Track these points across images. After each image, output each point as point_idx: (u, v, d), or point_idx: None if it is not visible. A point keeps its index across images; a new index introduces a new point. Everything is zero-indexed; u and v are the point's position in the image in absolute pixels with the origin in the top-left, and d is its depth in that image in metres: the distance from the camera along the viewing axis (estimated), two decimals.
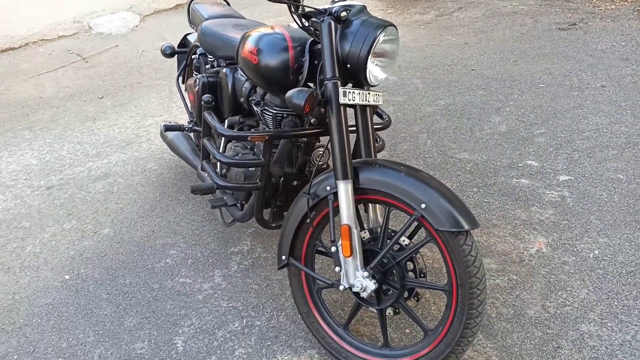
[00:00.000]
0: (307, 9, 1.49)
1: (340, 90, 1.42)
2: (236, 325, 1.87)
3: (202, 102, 1.75)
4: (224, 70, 2.04)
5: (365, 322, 1.78)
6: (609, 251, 1.94)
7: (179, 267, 2.19)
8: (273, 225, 1.86)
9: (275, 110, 1.75)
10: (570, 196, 2.26)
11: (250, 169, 1.76)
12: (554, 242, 2.02)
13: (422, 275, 1.53)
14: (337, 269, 1.52)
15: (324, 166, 1.86)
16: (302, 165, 1.83)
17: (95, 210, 2.67)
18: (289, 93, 1.42)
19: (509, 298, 1.80)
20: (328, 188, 1.51)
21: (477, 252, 1.38)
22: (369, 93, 1.53)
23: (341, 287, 1.51)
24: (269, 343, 1.78)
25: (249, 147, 1.96)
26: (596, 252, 1.94)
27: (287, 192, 1.84)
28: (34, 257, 2.37)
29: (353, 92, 1.47)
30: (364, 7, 1.51)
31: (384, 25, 1.46)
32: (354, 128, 1.59)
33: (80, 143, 3.39)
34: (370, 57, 1.44)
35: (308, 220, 1.57)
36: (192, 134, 2.51)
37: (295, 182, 1.83)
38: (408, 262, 1.51)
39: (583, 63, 3.58)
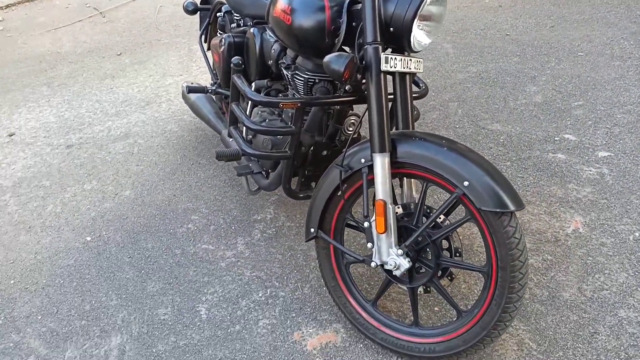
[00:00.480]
0: None
1: (382, 56, 1.32)
2: (260, 295, 1.84)
3: (232, 65, 1.65)
4: (252, 30, 1.93)
5: (392, 297, 1.74)
6: None
7: (202, 233, 2.16)
8: (301, 195, 1.79)
9: (307, 75, 1.65)
10: (610, 174, 2.16)
11: (279, 137, 1.68)
12: (592, 222, 1.93)
13: (457, 254, 1.47)
14: (369, 245, 1.46)
15: (355, 135, 1.77)
16: (333, 134, 1.74)
17: (115, 171, 2.63)
18: (327, 58, 1.32)
19: (544, 279, 1.73)
20: (363, 160, 1.43)
21: (522, 234, 1.30)
22: (410, 59, 1.43)
23: (373, 264, 1.45)
24: (294, 315, 1.75)
25: (276, 112, 1.88)
26: (637, 234, 1.85)
27: (316, 162, 1.77)
28: (55, 217, 2.35)
29: (395, 58, 1.36)
30: None
31: None
32: (391, 96, 1.49)
33: (99, 101, 3.33)
34: (416, 20, 1.33)
35: (339, 193, 1.51)
36: (215, 97, 2.42)
37: (325, 152, 1.75)
38: (443, 241, 1.45)
39: (625, 31, 3.37)
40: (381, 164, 1.37)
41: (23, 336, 1.79)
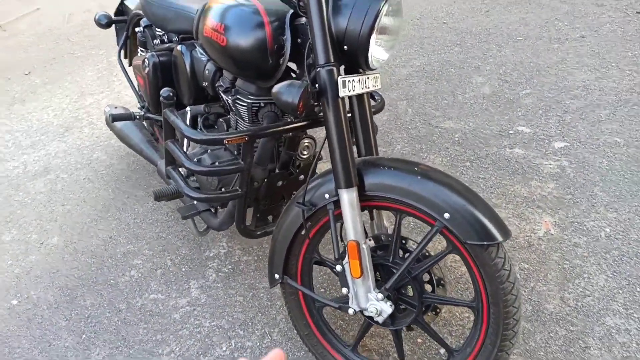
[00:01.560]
0: None
1: (339, 80, 1.14)
2: (224, 349, 1.63)
3: (161, 98, 1.41)
4: (179, 47, 1.69)
5: (372, 333, 1.59)
6: (620, 228, 1.81)
7: (148, 281, 1.91)
8: (258, 233, 1.59)
9: (250, 99, 1.44)
10: (570, 166, 2.11)
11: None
12: (562, 221, 1.87)
13: (441, 285, 1.34)
14: (344, 290, 1.30)
15: (311, 159, 1.60)
16: (287, 161, 1.55)
17: (38, 215, 2.30)
18: (277, 88, 1.13)
19: (524, 291, 1.64)
20: (327, 196, 1.26)
21: (511, 265, 1.18)
22: (367, 77, 1.26)
23: (351, 311, 1.29)
24: None
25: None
26: (607, 230, 1.81)
27: (272, 194, 1.57)
28: None
29: (352, 80, 1.19)
30: None
31: None
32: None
33: (9, 132, 2.93)
34: (373, 35, 1.16)
35: (303, 232, 1.33)
36: (145, 122, 2.15)
37: (280, 183, 1.56)
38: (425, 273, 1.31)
39: (558, 11, 3.39)
40: (349, 200, 1.20)
41: None
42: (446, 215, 1.15)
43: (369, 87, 1.27)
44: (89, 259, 2.04)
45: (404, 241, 1.34)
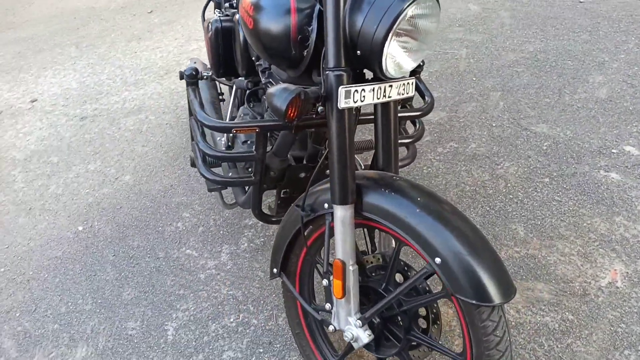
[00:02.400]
0: None
1: (341, 90, 1.02)
2: (232, 320, 1.68)
3: (185, 75, 1.40)
4: (237, 16, 1.64)
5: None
6: None
7: (189, 235, 2.01)
8: (274, 219, 1.56)
9: None
10: None
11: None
12: (636, 275, 1.56)
13: (435, 325, 1.21)
14: (327, 305, 1.23)
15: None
16: (313, 154, 1.47)
17: (121, 151, 2.52)
18: (271, 90, 1.04)
19: (557, 347, 1.42)
20: (326, 205, 1.17)
21: (505, 331, 1.01)
22: (390, 86, 1.11)
23: (331, 328, 1.23)
24: (261, 350, 1.58)
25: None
26: None
27: (294, 184, 1.52)
28: (55, 200, 2.30)
29: (363, 89, 1.05)
30: None
31: None
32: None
33: (121, 67, 3.20)
34: (389, 40, 1.00)
35: (302, 237, 1.27)
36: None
37: (303, 174, 1.49)
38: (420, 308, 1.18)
39: None
40: (341, 218, 1.11)
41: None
42: (437, 260, 1.01)
43: (389, 96, 1.12)
44: (148, 202, 2.20)
45: (406, 268, 1.22)
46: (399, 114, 1.49)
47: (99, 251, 2.01)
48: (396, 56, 1.05)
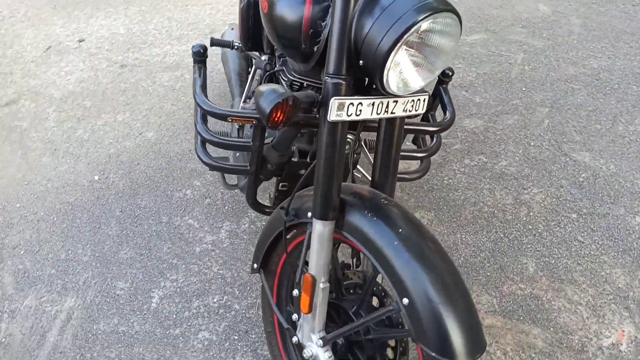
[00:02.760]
0: None
1: (333, 101, 0.93)
2: (215, 300, 1.67)
3: (192, 52, 1.34)
4: None
5: None
6: None
7: (194, 204, 2.00)
8: (268, 211, 1.52)
9: (292, 76, 1.29)
10: None
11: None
12: None
13: (403, 357, 1.14)
14: (294, 316, 1.19)
15: (354, 155, 1.41)
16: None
17: (150, 106, 2.52)
18: (261, 88, 0.96)
19: None
20: (309, 214, 1.11)
21: None
22: (395, 101, 1.01)
23: (294, 339, 1.18)
24: (236, 337, 1.57)
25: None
26: None
27: (292, 179, 1.45)
28: (79, 145, 2.34)
29: (360, 103, 0.96)
30: None
31: (436, 8, 0.88)
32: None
33: (169, 19, 3.18)
34: (394, 52, 0.89)
35: (284, 242, 1.21)
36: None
37: (303, 171, 1.42)
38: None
39: None
40: (319, 233, 1.05)
41: (2, 267, 1.84)
42: (405, 301, 0.93)
43: (393, 113, 1.02)
44: (164, 164, 2.20)
45: (383, 294, 1.15)
46: (415, 127, 1.39)
47: (108, 204, 2.04)
48: (404, 71, 0.95)
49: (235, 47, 2.00)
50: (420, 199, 1.88)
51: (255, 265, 1.33)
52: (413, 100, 1.04)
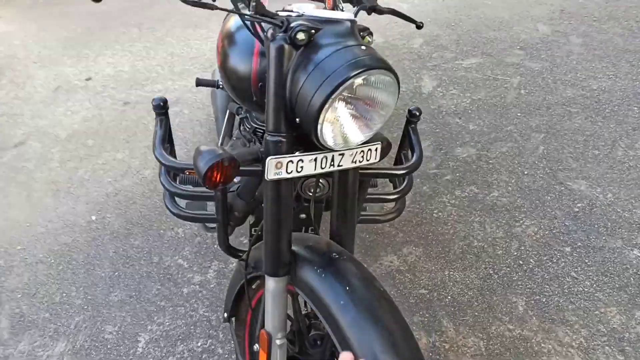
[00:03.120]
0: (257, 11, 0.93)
1: (269, 161, 0.92)
2: (199, 344, 1.67)
3: (152, 105, 1.36)
4: None
5: None
6: None
7: (185, 243, 2.02)
8: (241, 255, 1.50)
9: (255, 124, 1.29)
10: None
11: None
12: None
13: None
14: None
15: (323, 197, 1.39)
16: (296, 198, 1.38)
17: (149, 143, 2.57)
18: (201, 147, 0.96)
19: None
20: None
21: None
22: (341, 155, 0.99)
23: None
24: None
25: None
26: None
27: None
28: (80, 184, 2.40)
29: (301, 160, 0.95)
30: (351, 25, 0.91)
31: (370, 66, 0.86)
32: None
33: (172, 54, 3.26)
34: (326, 108, 0.87)
35: (247, 296, 1.20)
36: None
37: None
38: None
39: None
40: (272, 290, 1.03)
41: (0, 312, 1.89)
42: None
43: (340, 165, 1.00)
44: (159, 202, 2.23)
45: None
46: (378, 170, 1.36)
47: (102, 245, 2.08)
48: (344, 126, 0.93)
49: (220, 86, 2.02)
50: (409, 234, 1.84)
51: (225, 315, 1.32)
52: (363, 151, 1.02)
